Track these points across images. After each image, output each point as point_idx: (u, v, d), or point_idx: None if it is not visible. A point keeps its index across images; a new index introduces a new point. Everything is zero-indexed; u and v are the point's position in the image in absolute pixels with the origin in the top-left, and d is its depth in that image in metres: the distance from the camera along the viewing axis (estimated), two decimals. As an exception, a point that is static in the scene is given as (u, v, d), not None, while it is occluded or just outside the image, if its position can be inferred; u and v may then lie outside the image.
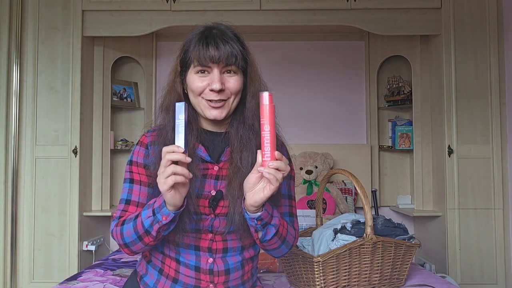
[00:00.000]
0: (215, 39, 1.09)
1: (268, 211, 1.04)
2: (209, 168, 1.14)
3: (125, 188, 1.16)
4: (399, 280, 1.63)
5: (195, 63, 1.09)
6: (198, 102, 1.12)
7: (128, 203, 1.14)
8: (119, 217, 1.14)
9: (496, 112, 2.73)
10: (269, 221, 1.05)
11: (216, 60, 1.07)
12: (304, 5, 2.79)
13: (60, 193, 2.77)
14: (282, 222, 1.11)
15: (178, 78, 1.16)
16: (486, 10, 2.75)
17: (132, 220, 1.07)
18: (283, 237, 1.12)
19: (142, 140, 1.18)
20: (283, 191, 1.22)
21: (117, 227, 1.10)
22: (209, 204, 1.11)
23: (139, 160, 1.15)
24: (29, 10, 2.81)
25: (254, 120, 1.13)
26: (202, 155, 1.13)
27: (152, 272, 1.17)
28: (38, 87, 2.80)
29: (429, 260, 2.97)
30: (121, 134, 3.26)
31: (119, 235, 1.09)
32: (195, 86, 1.10)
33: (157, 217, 1.01)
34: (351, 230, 1.53)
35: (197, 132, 1.14)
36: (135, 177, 1.15)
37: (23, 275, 2.75)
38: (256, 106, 1.12)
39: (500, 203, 2.70)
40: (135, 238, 1.06)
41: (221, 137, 1.17)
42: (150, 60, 3.26)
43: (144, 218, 1.03)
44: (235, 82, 1.11)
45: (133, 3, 2.78)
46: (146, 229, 1.03)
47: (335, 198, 2.91)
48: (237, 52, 1.09)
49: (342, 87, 3.31)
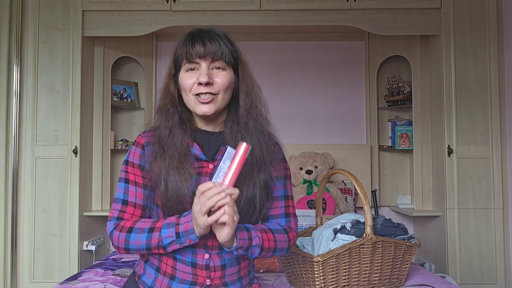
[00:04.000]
0: (202, 37, 1.12)
1: (243, 238, 1.07)
2: (204, 166, 1.15)
3: (120, 188, 1.17)
4: (399, 280, 1.63)
5: (184, 60, 1.13)
6: (189, 99, 1.14)
7: (125, 203, 1.15)
8: (117, 218, 1.14)
9: (495, 112, 2.73)
10: (249, 245, 1.08)
11: (203, 55, 1.10)
12: (304, 5, 2.79)
13: (60, 193, 2.77)
14: (267, 235, 1.13)
15: (172, 80, 1.18)
16: (486, 10, 2.75)
17: (145, 232, 1.08)
18: (271, 248, 1.14)
19: (138, 141, 1.20)
20: (277, 193, 1.22)
21: (120, 232, 1.11)
22: None
23: (135, 160, 1.17)
24: (29, 10, 2.81)
25: (248, 119, 1.15)
26: (197, 153, 1.15)
27: (150, 271, 1.18)
28: (38, 87, 2.80)
29: (429, 260, 2.97)
30: (121, 134, 3.26)
31: (123, 241, 1.10)
32: (185, 83, 1.13)
33: (181, 239, 1.05)
34: (351, 230, 1.53)
35: (192, 131, 1.16)
36: (130, 178, 1.16)
37: (23, 275, 2.76)
38: (249, 105, 1.16)
39: (500, 203, 2.70)
40: (144, 249, 1.09)
41: (216, 137, 1.19)
42: (150, 60, 3.27)
43: (164, 236, 1.06)
44: (223, 77, 1.12)
45: (133, 3, 2.79)
46: (163, 245, 1.07)
47: (335, 198, 2.91)
48: (223, 48, 1.11)
49: (342, 87, 3.31)
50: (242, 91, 1.16)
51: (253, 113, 1.17)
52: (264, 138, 1.17)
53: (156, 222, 1.11)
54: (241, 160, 1.02)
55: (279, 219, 1.22)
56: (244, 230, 1.09)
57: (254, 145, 1.13)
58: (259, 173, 1.14)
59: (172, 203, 1.10)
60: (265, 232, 1.14)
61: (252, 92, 1.18)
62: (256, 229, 1.13)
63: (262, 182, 1.14)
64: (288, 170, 1.28)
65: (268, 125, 1.21)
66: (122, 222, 1.14)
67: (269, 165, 1.16)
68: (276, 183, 1.22)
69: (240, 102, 1.16)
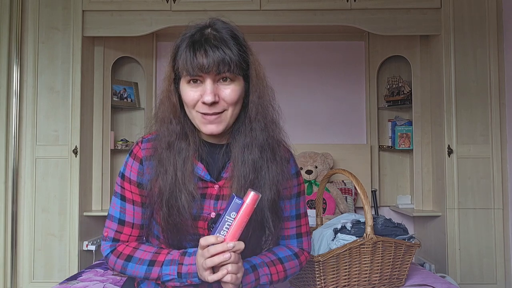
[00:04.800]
0: (204, 45, 0.97)
1: (248, 282, 1.02)
2: (209, 187, 1.06)
3: (116, 205, 1.09)
4: (399, 280, 1.63)
5: (184, 73, 0.99)
6: (193, 116, 1.02)
7: (121, 223, 1.08)
8: (113, 239, 1.09)
9: (495, 112, 2.73)
10: (257, 285, 1.04)
11: (206, 70, 0.95)
12: (304, 5, 2.79)
13: (60, 193, 2.77)
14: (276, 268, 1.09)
15: (172, 86, 1.05)
16: (486, 10, 2.75)
17: (144, 264, 1.03)
18: (281, 279, 1.11)
19: (136, 153, 1.09)
20: (287, 213, 1.14)
21: (118, 258, 1.07)
22: (208, 227, 1.06)
23: (132, 177, 1.08)
24: (29, 10, 2.81)
25: (257, 130, 1.03)
26: (201, 174, 1.05)
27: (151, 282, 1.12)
28: (38, 87, 2.79)
29: (429, 260, 2.97)
30: (121, 134, 3.26)
31: (120, 267, 1.06)
32: (187, 98, 1.00)
33: (182, 279, 1.00)
34: (351, 230, 1.54)
35: (195, 145, 1.05)
36: (127, 195, 1.08)
37: (23, 275, 2.75)
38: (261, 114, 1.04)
39: (500, 203, 2.70)
40: (141, 278, 1.06)
41: (222, 150, 1.07)
42: (150, 60, 3.26)
43: (165, 274, 1.01)
44: (231, 93, 0.99)
45: (133, 3, 2.78)
46: (162, 281, 1.03)
47: (335, 198, 2.91)
48: (230, 58, 0.96)
49: (342, 87, 3.31)
50: (253, 100, 1.03)
51: (262, 121, 1.04)
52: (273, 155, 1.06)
53: (157, 254, 1.04)
54: (249, 211, 0.95)
55: (290, 241, 1.17)
56: (250, 273, 1.03)
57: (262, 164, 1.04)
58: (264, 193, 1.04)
59: (174, 226, 1.04)
60: (274, 264, 1.09)
61: (263, 100, 1.05)
62: (263, 264, 1.07)
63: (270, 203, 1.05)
64: (302, 185, 1.18)
65: (280, 133, 1.10)
66: (119, 247, 1.08)
67: (277, 184, 1.06)
68: (287, 202, 1.14)
69: (250, 113, 1.03)
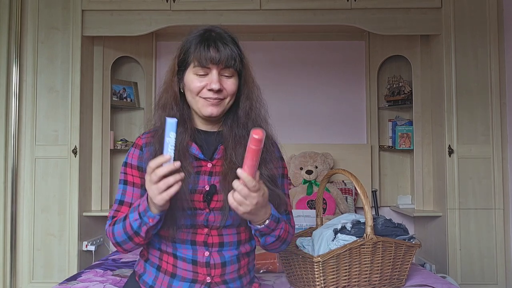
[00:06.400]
0: (216, 41, 1.13)
1: (269, 227, 1.08)
2: (203, 165, 1.17)
3: (119, 189, 1.21)
4: (399, 280, 1.62)
5: (195, 63, 1.13)
6: (196, 101, 1.16)
7: (121, 203, 1.18)
8: (112, 217, 1.18)
9: (496, 112, 2.72)
10: (269, 233, 1.10)
11: (216, 62, 1.12)
12: (304, 5, 2.78)
13: (60, 193, 2.76)
14: (284, 226, 1.15)
15: (175, 77, 1.19)
16: (486, 10, 2.75)
17: (121, 221, 1.11)
18: (283, 239, 1.16)
19: (137, 142, 1.22)
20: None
21: (110, 227, 1.15)
22: (204, 199, 1.14)
23: (133, 162, 1.20)
24: (28, 10, 2.81)
25: (247, 119, 1.19)
26: (196, 153, 1.17)
27: (150, 269, 1.20)
28: (38, 87, 2.79)
29: (429, 260, 2.97)
30: (121, 134, 3.26)
31: (111, 235, 1.14)
32: (193, 86, 1.14)
33: (143, 220, 1.05)
34: (351, 230, 1.53)
35: (191, 131, 1.18)
36: (128, 179, 1.20)
37: (23, 275, 2.75)
38: (249, 107, 1.19)
39: (501, 203, 2.70)
40: (126, 238, 1.11)
41: (214, 136, 1.22)
42: (150, 60, 3.26)
43: (132, 220, 1.07)
44: (231, 85, 1.16)
45: (133, 3, 2.78)
46: (135, 230, 1.08)
47: (335, 198, 2.91)
48: (235, 55, 1.14)
49: (342, 87, 3.31)
50: (243, 94, 1.19)
51: (252, 114, 1.20)
52: None
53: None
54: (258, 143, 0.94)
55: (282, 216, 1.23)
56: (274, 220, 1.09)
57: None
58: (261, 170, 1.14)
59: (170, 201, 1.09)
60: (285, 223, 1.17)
61: (252, 95, 1.21)
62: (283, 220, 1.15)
63: (268, 177, 1.15)
64: (285, 168, 1.30)
65: (267, 125, 1.23)
66: (114, 220, 1.16)
67: (269, 162, 1.18)
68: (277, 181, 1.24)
69: (240, 104, 1.19)
